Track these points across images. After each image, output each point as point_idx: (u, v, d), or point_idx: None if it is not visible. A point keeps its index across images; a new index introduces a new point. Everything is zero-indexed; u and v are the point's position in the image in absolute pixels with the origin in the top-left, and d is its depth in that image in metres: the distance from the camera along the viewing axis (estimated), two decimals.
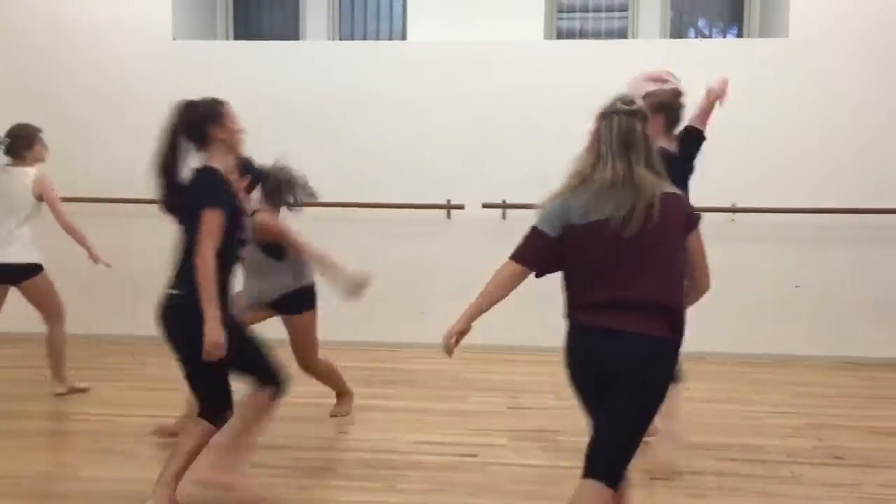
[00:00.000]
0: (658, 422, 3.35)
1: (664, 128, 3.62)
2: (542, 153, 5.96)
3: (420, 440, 3.87)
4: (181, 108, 3.21)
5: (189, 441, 3.08)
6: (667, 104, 3.69)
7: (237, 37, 7.23)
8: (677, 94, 3.82)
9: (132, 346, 5.97)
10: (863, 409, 4.65)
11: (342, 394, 4.29)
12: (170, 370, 5.19)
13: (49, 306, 4.71)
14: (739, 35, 6.88)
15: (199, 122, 3.12)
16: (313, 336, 4.08)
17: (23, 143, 4.69)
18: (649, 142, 2.47)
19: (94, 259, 4.87)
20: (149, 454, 3.68)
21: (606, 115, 2.55)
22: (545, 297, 5.81)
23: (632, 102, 2.56)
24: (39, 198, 4.65)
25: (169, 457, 3.09)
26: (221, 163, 3.10)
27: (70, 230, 4.73)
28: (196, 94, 6.15)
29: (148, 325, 6.13)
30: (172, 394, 4.73)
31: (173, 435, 3.63)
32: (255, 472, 3.46)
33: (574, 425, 4.20)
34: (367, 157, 6.11)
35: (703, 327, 5.92)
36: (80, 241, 4.78)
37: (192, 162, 3.08)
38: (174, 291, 3.06)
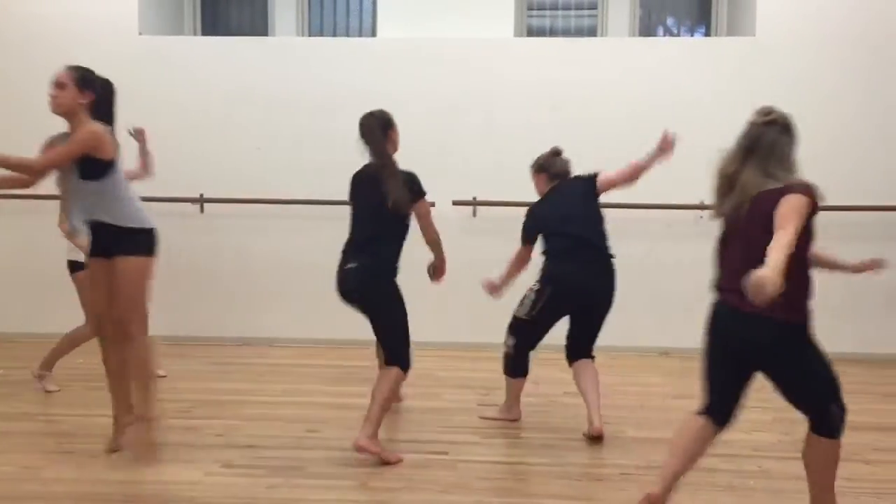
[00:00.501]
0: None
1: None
2: (512, 151, 5.97)
3: (391, 438, 3.85)
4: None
5: (385, 386, 3.57)
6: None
7: (205, 33, 7.15)
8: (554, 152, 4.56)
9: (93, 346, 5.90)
10: None
11: None
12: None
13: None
14: (707, 34, 6.94)
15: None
16: None
17: None
18: (776, 148, 2.93)
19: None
20: (114, 454, 3.62)
21: (747, 123, 3.04)
22: (515, 296, 5.82)
23: (768, 113, 3.06)
24: None
25: (370, 403, 3.55)
26: None
27: None
28: (162, 89, 6.19)
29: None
30: None
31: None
32: (222, 472, 3.43)
33: (543, 421, 4.22)
34: (336, 153, 6.05)
35: (669, 323, 6.03)
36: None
37: None
38: (365, 263, 3.65)
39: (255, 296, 6.14)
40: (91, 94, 3.56)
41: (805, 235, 2.61)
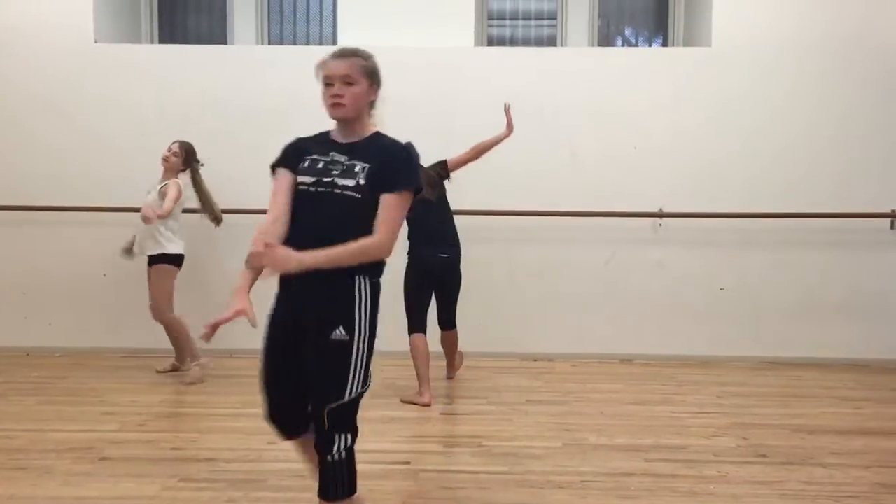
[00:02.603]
0: None
1: None
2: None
3: (358, 449, 3.81)
4: None
5: (453, 342, 5.13)
6: None
7: (162, 40, 7.06)
8: None
9: (50, 360, 5.79)
10: (785, 407, 4.78)
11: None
12: (88, 383, 5.06)
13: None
14: (664, 44, 7.03)
15: None
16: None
17: None
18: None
19: None
20: (66, 469, 3.54)
21: None
22: (481, 303, 5.85)
23: None
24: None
25: (451, 359, 5.25)
26: None
27: None
28: (119, 97, 6.10)
29: (62, 338, 5.99)
30: (91, 408, 4.61)
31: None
32: (180, 486, 3.37)
33: (505, 430, 4.22)
34: None
35: (630, 330, 6.09)
36: None
37: None
38: (454, 251, 4.91)
39: (212, 306, 6.00)
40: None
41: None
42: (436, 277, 4.91)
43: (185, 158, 5.37)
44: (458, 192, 5.56)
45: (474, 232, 5.63)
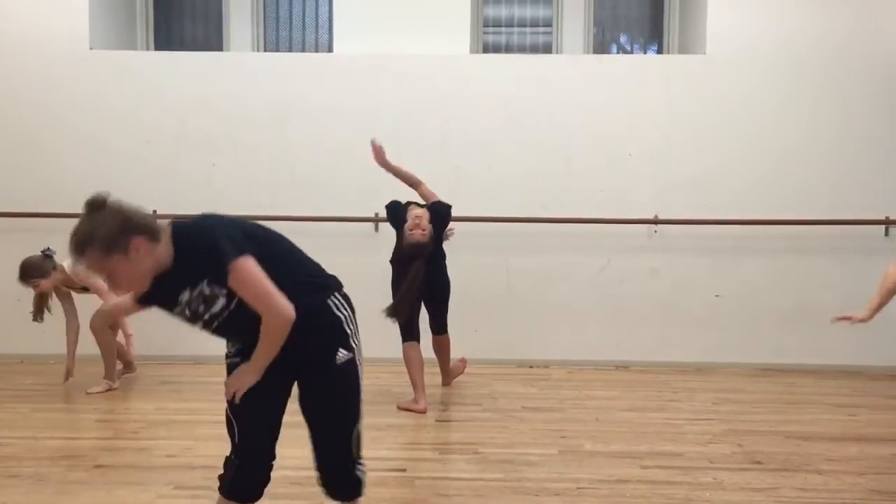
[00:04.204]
0: None
1: None
2: (467, 166, 6.00)
3: None
4: None
5: (445, 347, 5.12)
6: None
7: (158, 47, 7.06)
8: None
9: (44, 367, 5.77)
10: (780, 414, 4.78)
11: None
12: (82, 390, 5.05)
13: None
14: (659, 51, 7.05)
15: None
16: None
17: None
18: None
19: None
20: (60, 477, 3.53)
21: None
22: (476, 309, 5.84)
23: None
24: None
25: (445, 366, 5.22)
26: None
27: None
28: (114, 104, 6.10)
29: (56, 345, 5.96)
30: (86, 415, 4.59)
31: None
32: (175, 493, 3.36)
33: (501, 437, 4.22)
34: (292, 168, 6.04)
35: (626, 337, 6.09)
36: None
37: None
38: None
39: None
40: None
41: None
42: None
43: (40, 273, 4.96)
44: (453, 199, 5.57)
45: (469, 238, 5.63)
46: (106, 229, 2.05)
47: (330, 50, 6.80)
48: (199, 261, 2.15)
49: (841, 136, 6.04)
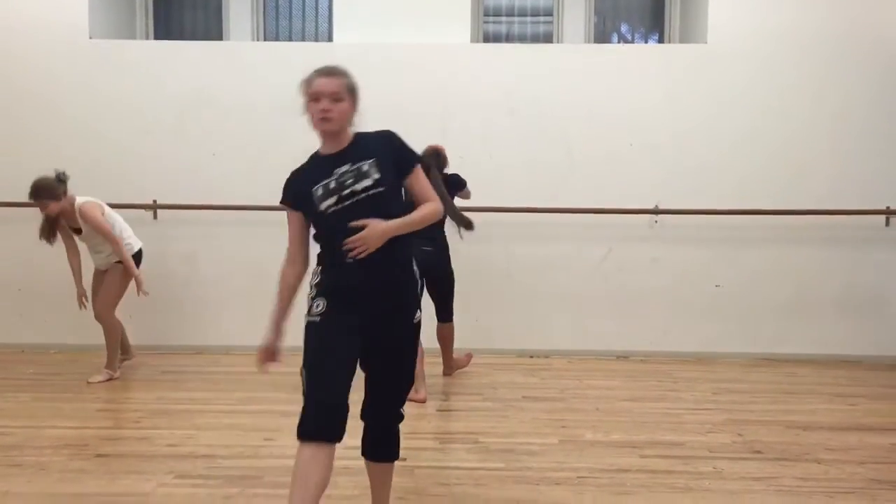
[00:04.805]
0: None
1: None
2: (468, 156, 5.99)
3: (348, 445, 3.79)
4: None
5: (447, 335, 5.15)
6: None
7: (157, 36, 7.04)
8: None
9: (45, 357, 5.79)
10: (779, 404, 4.79)
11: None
12: (83, 380, 5.05)
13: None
14: (660, 41, 7.04)
15: None
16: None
17: None
18: None
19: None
20: (62, 466, 3.54)
21: None
22: (478, 299, 5.86)
23: None
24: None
25: (446, 350, 5.22)
26: None
27: None
28: (114, 94, 6.08)
29: (58, 334, 5.98)
30: (87, 404, 4.60)
31: None
32: (176, 482, 3.37)
33: (501, 427, 4.23)
34: (291, 159, 6.01)
35: (626, 327, 6.09)
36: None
37: None
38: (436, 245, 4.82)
39: (211, 303, 6.06)
40: None
41: None
42: (422, 271, 4.86)
43: (51, 194, 4.90)
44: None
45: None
46: (356, 83, 2.90)
47: (330, 39, 6.79)
48: (377, 146, 2.64)
49: (841, 125, 6.03)
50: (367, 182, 2.53)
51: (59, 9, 6.06)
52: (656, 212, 6.04)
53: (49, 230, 5.00)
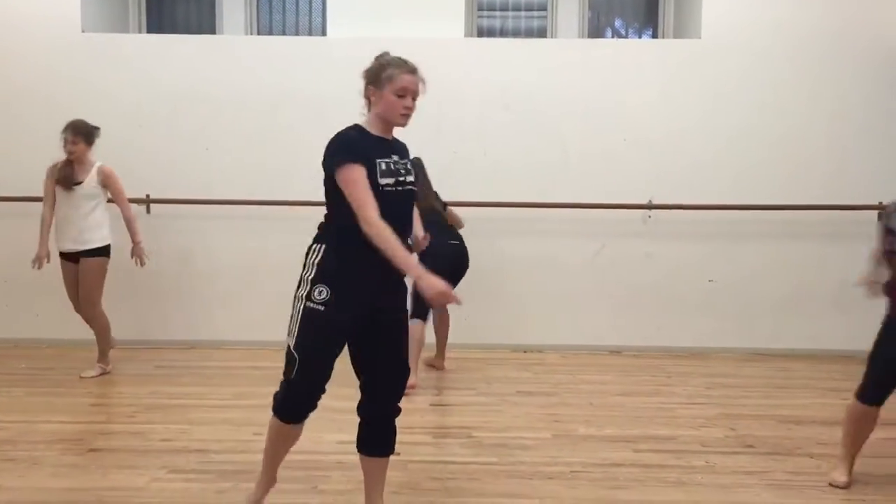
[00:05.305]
0: None
1: None
2: (462, 151, 5.99)
3: (342, 440, 3.81)
4: None
5: (448, 323, 5.34)
6: None
7: (150, 30, 7.01)
8: None
9: (37, 351, 5.77)
10: (772, 398, 4.81)
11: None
12: (76, 374, 5.04)
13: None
14: (654, 36, 7.03)
15: None
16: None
17: None
18: None
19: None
20: (55, 461, 3.53)
21: None
22: (471, 294, 5.84)
23: None
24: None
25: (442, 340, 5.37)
26: None
27: None
28: (107, 88, 6.05)
29: (50, 328, 5.96)
30: (80, 399, 4.59)
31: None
32: (169, 477, 3.36)
33: (495, 421, 4.23)
34: (285, 153, 6.02)
35: (619, 321, 6.10)
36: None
37: None
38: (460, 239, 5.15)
39: (203, 298, 6.04)
40: None
41: None
42: (449, 264, 4.84)
43: (87, 138, 5.07)
44: (448, 184, 5.57)
45: (464, 223, 5.63)
46: None
47: (323, 33, 6.77)
48: (407, 154, 2.90)
49: (836, 120, 6.03)
50: (411, 178, 2.75)
51: (51, 2, 6.02)
52: (650, 207, 6.05)
53: (70, 173, 5.05)
